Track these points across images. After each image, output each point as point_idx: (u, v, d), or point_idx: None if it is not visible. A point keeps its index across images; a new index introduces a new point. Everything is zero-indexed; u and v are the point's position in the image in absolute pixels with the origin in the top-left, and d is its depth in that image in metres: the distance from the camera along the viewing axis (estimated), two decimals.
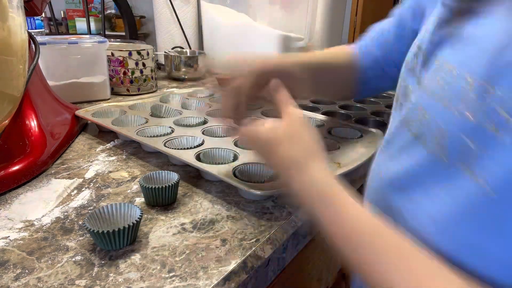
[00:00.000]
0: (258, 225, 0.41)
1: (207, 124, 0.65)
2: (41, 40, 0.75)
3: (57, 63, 0.79)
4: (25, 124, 0.54)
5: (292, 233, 0.42)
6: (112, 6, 2.65)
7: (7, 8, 0.41)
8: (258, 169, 0.50)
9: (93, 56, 0.83)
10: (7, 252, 0.36)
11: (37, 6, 0.63)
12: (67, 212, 0.43)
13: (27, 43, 0.48)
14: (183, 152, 0.53)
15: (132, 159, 0.57)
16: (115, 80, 0.92)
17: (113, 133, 0.64)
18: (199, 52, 1.21)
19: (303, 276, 0.54)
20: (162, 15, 1.27)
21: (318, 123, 0.68)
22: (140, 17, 2.53)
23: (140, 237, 0.38)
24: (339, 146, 0.57)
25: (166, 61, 1.15)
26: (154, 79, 0.98)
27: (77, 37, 0.84)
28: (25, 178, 0.49)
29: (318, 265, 0.59)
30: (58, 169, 0.53)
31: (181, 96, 0.82)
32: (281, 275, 0.43)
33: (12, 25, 0.42)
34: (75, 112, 0.67)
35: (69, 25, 2.67)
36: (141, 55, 0.92)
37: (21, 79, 0.48)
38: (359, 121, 0.72)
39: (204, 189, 0.49)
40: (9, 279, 0.32)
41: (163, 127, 0.62)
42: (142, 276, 0.33)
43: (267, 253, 0.38)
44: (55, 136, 0.58)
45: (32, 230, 0.39)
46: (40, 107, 0.57)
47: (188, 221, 0.41)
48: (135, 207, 0.38)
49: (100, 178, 0.51)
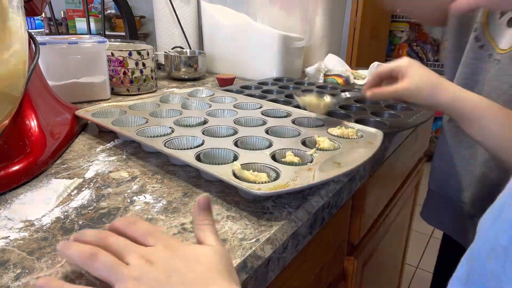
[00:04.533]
0: (258, 225, 0.41)
1: (207, 124, 0.65)
2: (41, 40, 0.75)
3: (57, 63, 0.79)
4: (25, 124, 0.54)
5: (292, 233, 0.42)
6: (112, 6, 2.65)
7: (7, 8, 0.41)
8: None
9: (93, 56, 0.83)
10: (7, 252, 0.36)
11: (37, 6, 0.64)
12: (67, 212, 0.43)
13: (27, 43, 0.48)
14: (183, 152, 0.53)
15: (132, 159, 0.57)
16: (115, 80, 0.92)
17: (113, 133, 0.64)
18: (199, 52, 1.21)
19: (303, 276, 0.54)
20: (162, 15, 1.27)
21: (318, 123, 0.68)
22: (140, 17, 2.53)
23: None
24: (339, 146, 0.57)
25: (166, 61, 1.15)
26: (154, 79, 0.98)
27: (77, 37, 0.84)
28: (25, 178, 0.49)
29: (318, 265, 0.59)
30: (58, 169, 0.53)
31: (181, 96, 0.82)
32: (281, 275, 0.43)
33: (12, 25, 0.42)
34: (75, 112, 0.67)
35: (69, 25, 2.67)
36: (141, 55, 0.92)
37: (21, 79, 0.48)
38: (359, 121, 0.72)
39: (204, 189, 0.49)
40: (9, 279, 0.32)
41: (163, 127, 0.62)
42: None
43: (267, 253, 0.38)
44: (55, 136, 0.58)
45: (32, 230, 0.39)
46: (40, 107, 0.57)
47: (188, 221, 0.42)
48: None
49: (100, 178, 0.51)
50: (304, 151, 0.54)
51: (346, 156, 0.53)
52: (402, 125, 0.72)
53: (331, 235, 0.62)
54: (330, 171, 0.48)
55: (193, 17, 1.31)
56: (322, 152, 0.55)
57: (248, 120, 0.68)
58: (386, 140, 0.63)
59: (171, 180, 0.51)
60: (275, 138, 0.59)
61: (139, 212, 0.43)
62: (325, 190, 0.50)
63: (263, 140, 0.58)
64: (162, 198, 0.46)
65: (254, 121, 0.68)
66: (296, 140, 0.59)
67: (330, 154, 0.54)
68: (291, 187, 0.43)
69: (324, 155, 0.53)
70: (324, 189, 0.50)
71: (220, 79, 1.08)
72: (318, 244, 0.56)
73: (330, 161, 0.51)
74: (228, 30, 1.20)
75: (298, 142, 0.58)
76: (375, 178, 0.74)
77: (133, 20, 1.39)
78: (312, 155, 0.53)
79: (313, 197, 0.48)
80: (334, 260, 0.68)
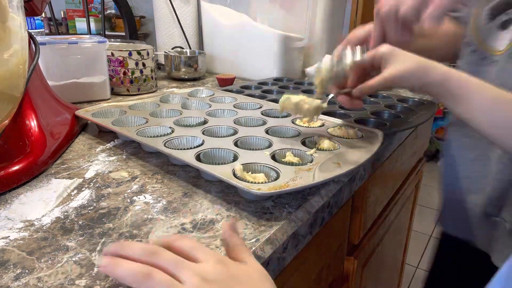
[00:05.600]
0: (258, 225, 0.41)
1: (207, 124, 0.65)
2: (41, 40, 0.75)
3: (57, 63, 0.79)
4: (25, 124, 0.54)
5: (292, 233, 0.42)
6: (112, 6, 2.65)
7: (7, 8, 0.41)
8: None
9: (93, 56, 0.83)
10: (7, 252, 0.36)
11: (37, 6, 0.64)
12: (67, 212, 0.43)
13: (27, 43, 0.48)
14: (183, 152, 0.53)
15: (132, 159, 0.57)
16: (115, 80, 0.92)
17: (113, 133, 0.64)
18: (199, 52, 1.21)
19: (303, 276, 0.54)
20: (162, 15, 1.27)
21: (318, 123, 0.68)
22: (140, 17, 2.53)
23: (140, 237, 0.38)
24: (339, 146, 0.57)
25: (166, 61, 1.15)
26: (154, 79, 0.98)
27: (77, 37, 0.84)
28: (25, 178, 0.49)
29: (318, 265, 0.59)
30: (58, 169, 0.53)
31: (181, 96, 0.82)
32: (281, 275, 0.43)
33: (12, 25, 0.42)
34: (75, 112, 0.67)
35: (69, 25, 2.67)
36: (141, 55, 0.92)
37: (21, 79, 0.48)
38: (359, 121, 0.72)
39: (204, 189, 0.49)
40: (9, 279, 0.32)
41: (163, 127, 0.62)
42: None
43: (267, 253, 0.38)
44: (55, 136, 0.58)
45: (32, 230, 0.39)
46: (40, 107, 0.57)
47: (188, 221, 0.42)
48: None
49: (100, 178, 0.51)
50: (304, 151, 0.54)
51: (346, 156, 0.53)
52: (402, 125, 0.72)
53: (331, 235, 0.62)
54: (330, 171, 0.48)
55: (193, 17, 1.31)
56: (322, 152, 0.55)
57: (248, 120, 0.68)
58: (386, 140, 0.63)
59: (171, 180, 0.51)
60: (275, 138, 0.59)
61: (139, 212, 0.43)
62: (325, 190, 0.50)
63: (263, 140, 0.58)
64: (162, 198, 0.46)
65: (254, 121, 0.68)
66: (296, 140, 0.59)
67: (330, 154, 0.54)
68: (291, 187, 0.43)
69: (324, 155, 0.53)
70: (324, 189, 0.50)
71: (220, 79, 1.08)
72: (318, 244, 0.56)
73: (330, 161, 0.51)
74: (228, 30, 1.20)
75: (298, 142, 0.58)
76: (375, 178, 0.74)
77: (133, 20, 1.39)
78: (312, 155, 0.53)
79: (313, 197, 0.48)
80: (334, 260, 0.68)
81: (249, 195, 0.46)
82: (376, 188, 0.77)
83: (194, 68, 1.14)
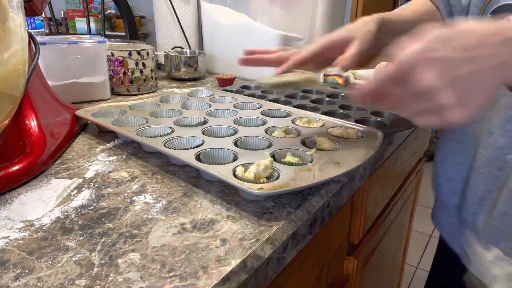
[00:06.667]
0: (258, 225, 0.41)
1: (207, 124, 0.65)
2: (41, 40, 0.75)
3: (57, 63, 0.79)
4: (25, 124, 0.54)
5: (292, 233, 0.42)
6: (112, 6, 2.65)
7: (7, 8, 0.41)
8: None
9: (93, 56, 0.83)
10: (7, 252, 0.36)
11: (37, 6, 0.64)
12: (67, 212, 0.43)
13: (27, 43, 0.48)
14: (183, 152, 0.53)
15: (132, 159, 0.57)
16: (115, 80, 0.92)
17: (113, 133, 0.64)
18: (199, 52, 1.21)
19: (303, 276, 0.54)
20: (162, 15, 1.27)
21: (319, 124, 0.68)
22: (140, 17, 2.53)
23: (140, 237, 0.38)
24: (339, 146, 0.57)
25: (166, 61, 1.15)
26: (154, 79, 0.98)
27: (77, 37, 0.84)
28: (25, 178, 0.49)
29: (318, 265, 0.59)
30: (58, 169, 0.53)
31: (181, 96, 0.82)
32: (281, 275, 0.43)
33: (12, 25, 0.42)
34: (75, 112, 0.67)
35: (69, 25, 2.67)
36: (141, 55, 0.92)
37: (21, 79, 0.48)
38: (359, 121, 0.72)
39: (204, 189, 0.49)
40: (9, 279, 0.32)
41: (163, 127, 0.62)
42: (142, 276, 0.33)
43: (267, 253, 0.38)
44: (55, 136, 0.58)
45: (32, 230, 0.39)
46: (40, 107, 0.57)
47: (188, 221, 0.42)
48: None
49: (100, 178, 0.51)
50: (304, 151, 0.54)
51: (346, 156, 0.53)
52: (402, 125, 0.72)
53: (331, 235, 0.62)
54: (330, 171, 0.48)
55: (193, 17, 1.31)
56: (322, 152, 0.55)
57: (248, 120, 0.68)
58: (386, 140, 0.63)
59: (171, 180, 0.51)
60: (275, 138, 0.59)
61: (139, 212, 0.43)
62: (325, 190, 0.50)
63: (263, 140, 0.58)
64: (162, 198, 0.46)
65: (254, 121, 0.68)
66: (296, 140, 0.59)
67: (330, 154, 0.54)
68: (291, 187, 0.43)
69: (324, 155, 0.53)
70: (324, 189, 0.50)
71: (220, 79, 1.08)
72: (318, 244, 0.56)
73: (330, 161, 0.51)
74: (228, 30, 1.20)
75: (298, 142, 0.58)
76: (375, 178, 0.74)
77: (133, 20, 1.39)
78: (312, 155, 0.53)
79: (313, 197, 0.48)
80: (334, 260, 0.68)
81: (249, 195, 0.46)
82: (376, 188, 0.77)
83: (194, 68, 1.14)
